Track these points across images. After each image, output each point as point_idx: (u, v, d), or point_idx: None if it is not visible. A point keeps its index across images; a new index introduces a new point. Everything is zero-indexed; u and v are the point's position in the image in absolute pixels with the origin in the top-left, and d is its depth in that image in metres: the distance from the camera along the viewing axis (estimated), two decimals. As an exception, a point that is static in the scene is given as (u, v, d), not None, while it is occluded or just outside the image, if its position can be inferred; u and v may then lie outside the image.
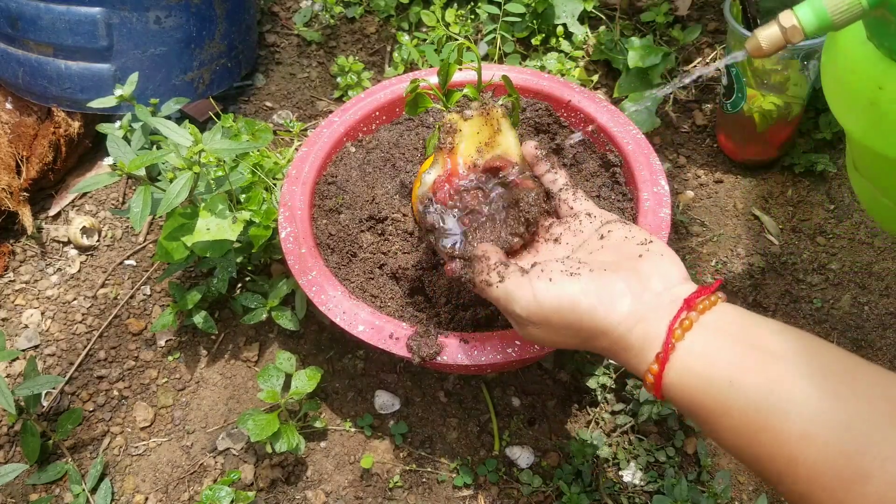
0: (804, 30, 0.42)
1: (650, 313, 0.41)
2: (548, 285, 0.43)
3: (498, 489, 0.67)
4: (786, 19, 0.43)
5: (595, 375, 0.71)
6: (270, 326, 0.79)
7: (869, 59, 0.45)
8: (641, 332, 0.41)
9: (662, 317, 0.40)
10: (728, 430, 0.38)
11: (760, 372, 0.36)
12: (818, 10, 0.41)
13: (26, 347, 0.79)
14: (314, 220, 0.68)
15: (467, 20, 1.06)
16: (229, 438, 0.71)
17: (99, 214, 0.91)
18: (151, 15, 0.86)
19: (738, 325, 0.39)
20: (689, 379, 0.39)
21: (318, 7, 1.13)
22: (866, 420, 0.33)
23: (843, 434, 0.33)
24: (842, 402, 0.34)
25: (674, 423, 0.68)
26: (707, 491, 0.64)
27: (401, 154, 0.74)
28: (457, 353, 0.55)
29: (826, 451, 0.34)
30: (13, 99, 0.91)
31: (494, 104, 0.53)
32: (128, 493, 0.68)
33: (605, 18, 1.03)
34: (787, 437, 0.35)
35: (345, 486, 0.67)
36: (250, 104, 1.03)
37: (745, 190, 0.89)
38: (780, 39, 0.44)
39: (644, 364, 0.41)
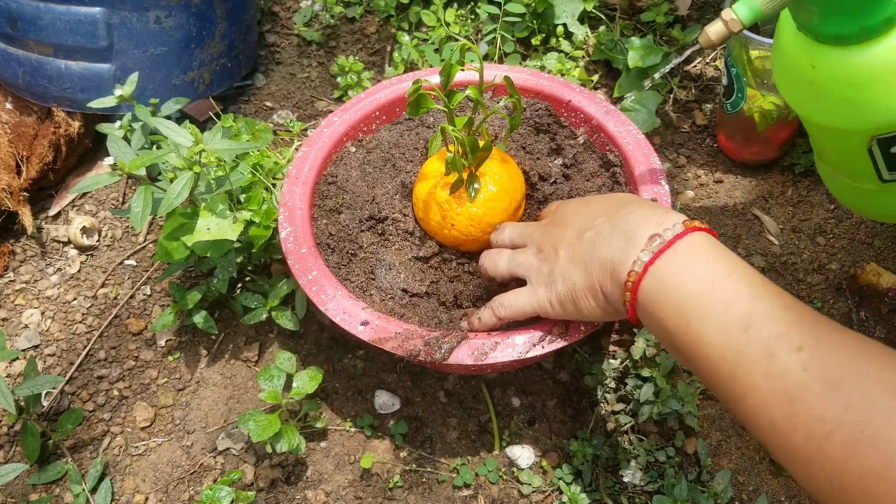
0: (741, 20, 0.50)
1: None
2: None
3: (498, 489, 0.67)
4: (726, 14, 0.51)
5: (595, 375, 0.71)
6: (270, 326, 0.79)
7: (801, 44, 0.52)
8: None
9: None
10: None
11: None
12: (750, 3, 0.49)
13: (26, 347, 0.79)
14: (314, 220, 0.68)
15: (467, 20, 1.06)
16: (229, 438, 0.71)
17: (99, 214, 0.91)
18: (151, 15, 0.86)
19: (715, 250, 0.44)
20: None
21: (318, 7, 1.13)
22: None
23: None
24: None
25: (674, 423, 0.68)
26: (707, 491, 0.64)
27: (401, 154, 0.74)
28: (458, 352, 0.55)
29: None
30: (13, 99, 0.91)
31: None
32: (128, 493, 0.68)
33: (605, 18, 1.03)
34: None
35: (345, 486, 0.67)
36: (250, 104, 1.03)
37: (745, 190, 0.89)
38: (725, 31, 0.51)
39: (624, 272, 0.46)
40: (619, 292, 0.47)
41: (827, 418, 0.34)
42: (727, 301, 0.40)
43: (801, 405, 0.35)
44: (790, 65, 0.55)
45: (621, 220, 0.48)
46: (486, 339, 0.55)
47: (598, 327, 0.56)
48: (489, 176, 0.62)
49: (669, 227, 0.45)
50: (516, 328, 0.57)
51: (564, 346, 0.56)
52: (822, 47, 0.51)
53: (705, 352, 0.40)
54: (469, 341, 0.55)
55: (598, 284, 0.49)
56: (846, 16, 0.49)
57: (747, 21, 0.50)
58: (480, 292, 0.63)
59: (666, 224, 0.46)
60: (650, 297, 0.44)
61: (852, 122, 0.54)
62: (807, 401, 0.35)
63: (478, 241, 0.64)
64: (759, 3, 0.49)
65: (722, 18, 0.51)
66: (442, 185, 0.63)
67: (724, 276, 0.41)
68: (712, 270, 0.42)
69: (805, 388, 0.35)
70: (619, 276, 0.46)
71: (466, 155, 0.60)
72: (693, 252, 0.44)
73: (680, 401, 0.67)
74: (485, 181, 0.62)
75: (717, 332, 0.40)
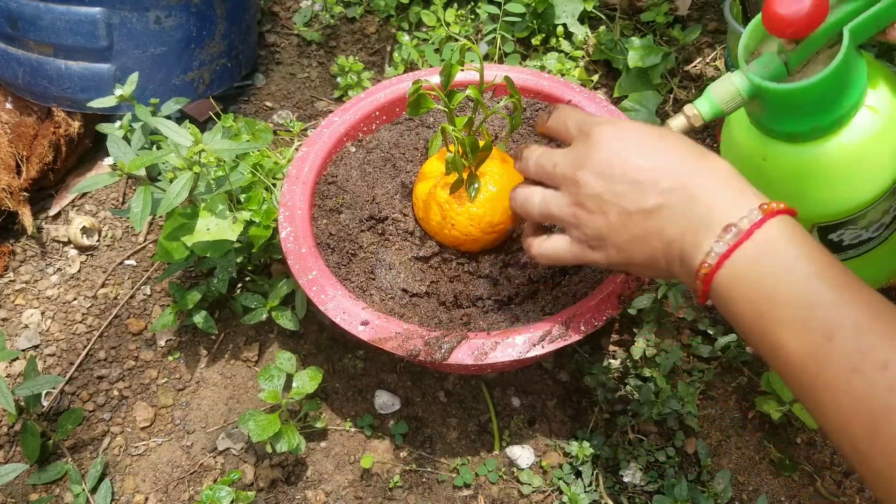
0: (702, 116, 0.53)
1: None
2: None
3: (498, 489, 0.67)
4: (689, 110, 0.54)
5: (595, 375, 0.71)
6: (270, 326, 0.79)
7: (754, 137, 0.57)
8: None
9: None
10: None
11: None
12: (712, 102, 0.53)
13: (26, 347, 0.79)
14: (314, 219, 0.68)
15: (467, 20, 1.06)
16: (229, 438, 0.71)
17: (99, 214, 0.91)
18: (151, 15, 0.86)
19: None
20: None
21: (318, 7, 1.13)
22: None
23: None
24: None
25: (674, 423, 0.68)
26: (707, 491, 0.64)
27: (401, 154, 0.74)
28: (458, 352, 0.55)
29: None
30: (13, 99, 0.91)
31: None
32: (128, 493, 0.68)
33: (605, 18, 1.03)
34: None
35: (345, 486, 0.67)
36: (250, 104, 1.03)
37: (745, 190, 0.89)
38: (687, 125, 0.54)
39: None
40: (689, 278, 0.44)
41: None
42: (808, 307, 0.38)
43: (884, 429, 0.34)
44: (741, 154, 0.58)
45: (693, 196, 0.43)
46: (486, 338, 0.56)
47: (598, 327, 0.56)
48: (489, 176, 0.62)
49: (746, 215, 0.41)
50: (516, 328, 0.57)
51: (564, 346, 0.56)
52: (773, 142, 0.55)
53: (784, 356, 0.38)
54: (469, 341, 0.55)
55: (662, 261, 0.45)
56: (800, 117, 0.52)
57: (708, 117, 0.53)
58: (480, 292, 0.63)
59: (741, 209, 0.42)
60: (724, 290, 0.42)
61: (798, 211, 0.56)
62: (892, 425, 0.34)
63: (478, 241, 0.64)
64: (719, 103, 0.53)
65: (684, 113, 0.54)
66: (442, 184, 0.63)
67: (805, 278, 0.39)
68: (792, 269, 0.39)
69: (890, 411, 0.34)
70: (690, 265, 0.43)
71: (466, 155, 0.60)
72: (771, 245, 0.40)
73: (680, 401, 0.67)
74: (485, 181, 0.62)
75: (798, 338, 0.38)
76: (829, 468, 0.68)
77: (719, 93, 0.53)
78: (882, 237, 0.62)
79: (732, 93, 0.52)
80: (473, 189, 0.61)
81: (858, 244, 0.61)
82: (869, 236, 0.61)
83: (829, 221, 0.58)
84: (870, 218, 0.58)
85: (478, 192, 0.61)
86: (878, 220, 0.59)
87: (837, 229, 0.59)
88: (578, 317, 0.56)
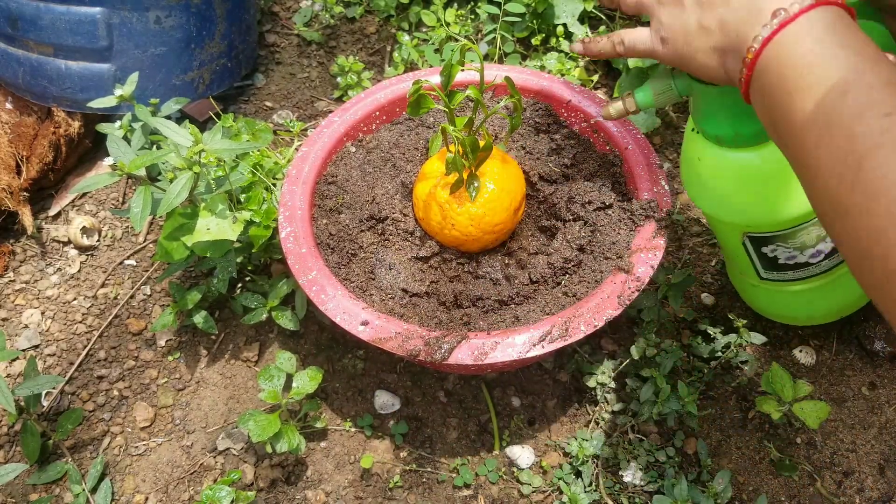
0: (637, 103, 0.60)
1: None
2: None
3: (498, 489, 0.67)
4: (627, 97, 0.60)
5: (595, 375, 0.71)
6: (270, 326, 0.79)
7: (692, 137, 0.60)
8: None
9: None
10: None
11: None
12: (647, 93, 0.58)
13: (26, 347, 0.79)
14: (314, 219, 0.68)
15: (467, 20, 1.06)
16: (229, 438, 0.71)
17: (99, 214, 0.91)
18: (151, 15, 0.86)
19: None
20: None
21: (318, 7, 1.13)
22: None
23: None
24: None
25: (674, 423, 0.68)
26: (707, 491, 0.64)
27: (401, 154, 0.74)
28: (458, 352, 0.55)
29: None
30: (13, 99, 0.91)
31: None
32: (128, 493, 0.68)
33: (605, 18, 1.03)
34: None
35: (345, 486, 0.67)
36: (250, 104, 1.03)
37: (745, 190, 0.89)
38: (623, 110, 0.60)
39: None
40: (737, 66, 0.47)
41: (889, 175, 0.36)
42: (831, 73, 0.41)
43: (868, 163, 0.37)
44: (686, 152, 0.62)
45: None
46: (485, 338, 0.56)
47: (598, 327, 0.56)
48: (489, 176, 0.62)
49: (797, 0, 0.44)
50: (516, 328, 0.57)
51: (564, 346, 0.56)
52: (706, 143, 0.58)
53: (800, 119, 0.41)
54: (469, 341, 0.55)
55: (718, 49, 0.48)
56: (725, 121, 0.55)
57: (642, 106, 0.59)
58: (480, 292, 0.63)
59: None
60: (763, 73, 0.44)
61: (725, 215, 0.61)
62: (876, 159, 0.37)
63: (478, 241, 0.64)
64: (653, 94, 0.58)
65: (622, 99, 0.60)
66: (442, 185, 0.63)
67: (834, 49, 0.41)
68: (825, 43, 0.42)
69: (877, 147, 0.37)
70: (740, 50, 0.46)
71: (467, 155, 0.60)
72: (814, 26, 0.43)
73: (680, 401, 0.67)
74: (485, 181, 0.62)
75: (813, 98, 0.41)
76: (829, 468, 0.68)
77: (656, 86, 0.58)
78: (822, 267, 0.63)
79: (665, 87, 0.57)
80: (473, 189, 0.61)
81: (795, 266, 0.63)
82: (806, 261, 0.62)
83: (758, 233, 0.60)
84: (802, 240, 0.60)
85: (478, 192, 0.61)
86: (814, 246, 0.61)
87: (768, 243, 0.61)
88: (578, 317, 0.56)
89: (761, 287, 0.68)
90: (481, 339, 0.55)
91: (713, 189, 0.60)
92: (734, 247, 0.64)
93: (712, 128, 0.56)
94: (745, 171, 0.57)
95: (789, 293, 0.67)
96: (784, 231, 0.59)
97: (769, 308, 0.72)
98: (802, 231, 0.59)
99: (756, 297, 0.72)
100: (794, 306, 0.69)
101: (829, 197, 0.40)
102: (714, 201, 0.60)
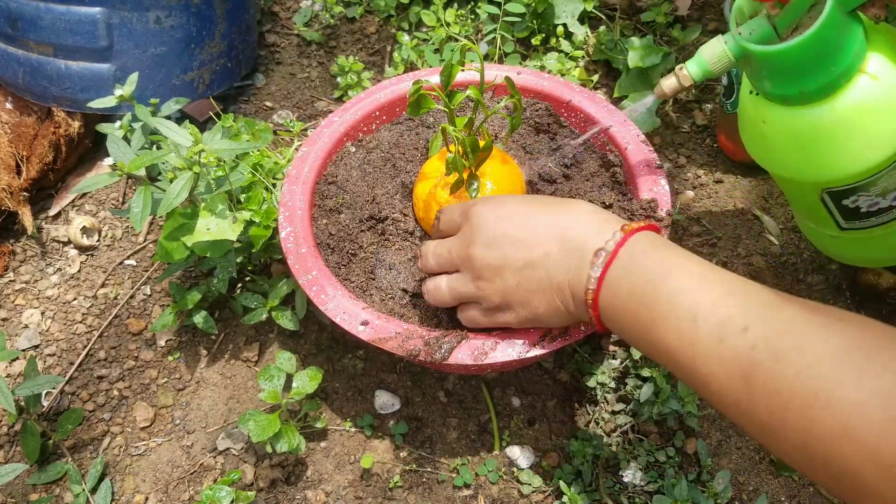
0: (692, 77, 0.57)
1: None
2: None
3: (498, 489, 0.67)
4: (679, 71, 0.57)
5: (595, 375, 0.71)
6: (270, 326, 0.79)
7: (754, 100, 0.58)
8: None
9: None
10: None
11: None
12: (701, 63, 0.56)
13: (26, 347, 0.79)
14: (314, 219, 0.68)
15: (467, 20, 1.06)
16: (229, 438, 0.71)
17: (99, 214, 0.91)
18: (151, 15, 0.86)
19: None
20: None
21: (318, 7, 1.13)
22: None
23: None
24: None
25: (674, 423, 0.68)
26: (707, 491, 0.64)
27: (401, 154, 0.74)
28: (458, 352, 0.55)
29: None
30: (13, 99, 0.91)
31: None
32: (128, 493, 0.68)
33: (605, 18, 1.03)
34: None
35: (345, 486, 0.67)
36: (250, 104, 1.03)
37: (745, 190, 0.89)
38: (678, 85, 0.58)
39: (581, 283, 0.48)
40: (583, 309, 0.49)
41: (782, 389, 0.36)
42: (672, 299, 0.42)
43: (756, 381, 0.37)
44: (746, 118, 0.60)
45: (565, 236, 0.49)
46: (485, 339, 0.56)
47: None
48: (489, 176, 0.62)
49: (610, 238, 0.47)
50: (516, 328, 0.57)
51: (564, 346, 0.56)
52: (770, 105, 0.56)
53: (665, 348, 0.42)
54: (469, 341, 0.55)
55: (561, 305, 0.50)
56: (787, 80, 0.53)
57: (698, 77, 0.57)
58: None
59: (605, 234, 0.47)
60: (609, 309, 0.46)
61: (800, 175, 0.59)
62: (760, 377, 0.37)
63: (478, 241, 0.64)
64: (707, 63, 0.56)
65: (675, 74, 0.58)
66: (442, 185, 0.63)
67: (665, 276, 0.43)
68: (654, 272, 0.44)
69: (756, 364, 0.37)
70: (579, 296, 0.48)
71: (467, 155, 0.60)
72: (635, 258, 0.45)
73: (680, 401, 0.67)
74: (485, 181, 0.62)
75: (671, 329, 0.42)
76: (829, 468, 0.67)
77: (708, 54, 0.56)
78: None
79: (720, 54, 0.55)
80: (473, 189, 0.61)
81: (878, 212, 0.60)
82: (889, 205, 0.59)
83: (837, 187, 0.58)
84: (883, 185, 0.57)
85: (478, 193, 0.61)
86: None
87: (849, 195, 0.59)
88: (578, 317, 0.56)
89: (842, 237, 0.66)
90: (481, 339, 0.55)
91: (783, 150, 0.57)
92: (811, 204, 0.62)
93: (775, 88, 0.54)
94: (816, 128, 0.54)
95: (872, 238, 0.64)
96: (865, 180, 0.57)
97: (850, 256, 0.70)
98: (884, 176, 0.56)
99: (835, 247, 0.69)
100: (879, 250, 0.67)
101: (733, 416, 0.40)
102: (785, 162, 0.58)
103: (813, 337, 0.36)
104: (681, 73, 0.57)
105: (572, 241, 0.48)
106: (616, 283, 0.46)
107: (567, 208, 0.51)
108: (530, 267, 0.50)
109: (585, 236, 0.48)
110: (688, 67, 0.57)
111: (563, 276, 0.49)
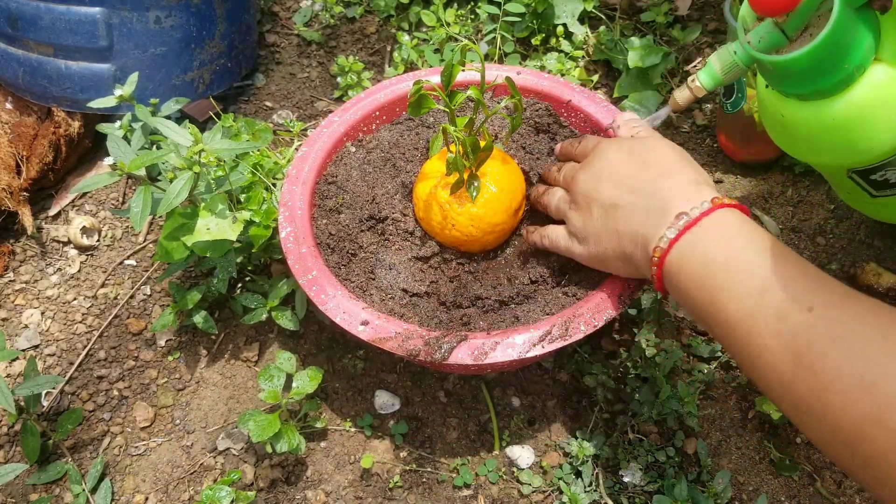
0: (704, 87, 0.60)
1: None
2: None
3: (498, 489, 0.67)
4: (691, 82, 0.60)
5: (595, 375, 0.71)
6: (270, 326, 0.79)
7: (771, 96, 0.59)
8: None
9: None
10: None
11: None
12: (712, 73, 0.59)
13: (26, 347, 0.79)
14: (314, 219, 0.68)
15: (467, 20, 1.06)
16: (229, 438, 0.71)
17: (99, 214, 0.91)
18: (151, 15, 0.86)
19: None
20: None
21: (318, 7, 1.13)
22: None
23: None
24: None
25: (674, 423, 0.68)
26: (707, 491, 0.64)
27: (401, 154, 0.74)
28: (458, 352, 0.55)
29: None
30: (13, 99, 0.91)
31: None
32: (128, 493, 0.68)
33: (605, 18, 1.03)
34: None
35: (345, 486, 0.67)
36: (250, 104, 1.03)
37: (745, 190, 0.89)
38: (691, 96, 0.61)
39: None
40: (647, 264, 0.51)
41: (828, 369, 0.37)
42: (744, 272, 0.43)
43: (804, 360, 0.38)
44: (766, 111, 0.61)
45: (656, 193, 0.51)
46: (485, 338, 0.56)
47: (598, 327, 0.56)
48: (490, 176, 0.62)
49: (697, 206, 0.48)
50: (516, 328, 0.57)
51: (564, 346, 0.56)
52: (787, 100, 0.57)
53: (724, 317, 0.44)
54: (469, 341, 0.55)
55: (628, 253, 0.52)
56: (802, 81, 0.54)
57: (709, 87, 0.59)
58: (480, 292, 0.63)
59: (694, 202, 0.48)
60: (674, 271, 0.48)
61: (824, 160, 0.60)
62: (811, 356, 0.38)
63: (478, 242, 0.64)
64: (719, 73, 0.58)
65: (688, 85, 0.60)
66: (443, 185, 0.63)
67: (740, 250, 0.45)
68: (730, 245, 0.45)
69: (811, 344, 0.38)
70: (648, 251, 0.50)
71: (467, 155, 0.60)
72: (716, 229, 0.46)
73: (680, 401, 0.67)
74: (485, 181, 0.62)
75: (733, 299, 0.43)
76: (829, 468, 0.68)
77: (718, 64, 0.58)
78: None
79: (730, 63, 0.57)
80: (474, 189, 0.61)
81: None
82: None
83: (862, 167, 0.59)
84: None
85: (478, 193, 0.61)
86: None
87: (875, 171, 0.60)
88: (578, 317, 0.56)
89: (876, 203, 0.66)
90: (481, 339, 0.55)
91: (804, 140, 0.58)
92: (840, 179, 0.63)
93: (789, 87, 0.55)
94: (833, 119, 0.55)
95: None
96: (889, 159, 0.57)
97: (886, 215, 0.71)
98: None
99: (872, 209, 0.71)
100: None
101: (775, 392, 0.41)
102: (808, 150, 0.59)
103: (870, 327, 0.37)
104: (693, 85, 0.59)
105: (660, 200, 0.50)
106: (690, 249, 0.47)
107: (678, 167, 0.53)
108: (615, 207, 0.53)
109: (673, 198, 0.49)
110: (699, 79, 0.58)
111: (640, 228, 0.51)
